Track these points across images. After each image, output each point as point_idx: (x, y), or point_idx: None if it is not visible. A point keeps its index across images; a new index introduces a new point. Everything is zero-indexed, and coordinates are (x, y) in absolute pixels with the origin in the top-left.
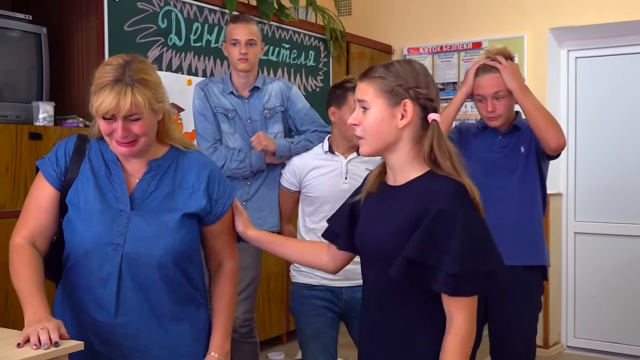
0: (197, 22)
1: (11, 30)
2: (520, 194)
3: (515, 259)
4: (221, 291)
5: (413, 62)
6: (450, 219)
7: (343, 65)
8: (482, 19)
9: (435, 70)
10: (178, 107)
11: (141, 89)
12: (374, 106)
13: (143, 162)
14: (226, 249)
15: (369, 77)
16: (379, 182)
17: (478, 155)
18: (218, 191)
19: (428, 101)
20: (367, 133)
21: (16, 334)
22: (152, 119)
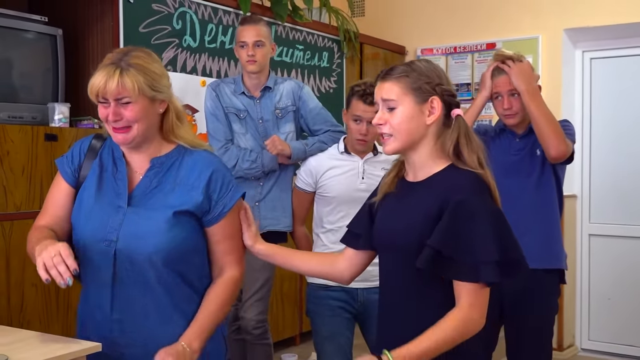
0: (212, 23)
1: (27, 32)
2: (536, 197)
3: (532, 262)
4: (213, 294)
5: (431, 61)
6: (471, 210)
7: (357, 66)
8: (496, 20)
9: (448, 71)
10: (192, 108)
11: (132, 72)
12: (402, 104)
13: (146, 158)
14: (228, 256)
15: (393, 76)
16: (397, 181)
17: (495, 158)
18: (219, 192)
19: (451, 97)
20: (395, 131)
21: (33, 334)
22: (146, 105)
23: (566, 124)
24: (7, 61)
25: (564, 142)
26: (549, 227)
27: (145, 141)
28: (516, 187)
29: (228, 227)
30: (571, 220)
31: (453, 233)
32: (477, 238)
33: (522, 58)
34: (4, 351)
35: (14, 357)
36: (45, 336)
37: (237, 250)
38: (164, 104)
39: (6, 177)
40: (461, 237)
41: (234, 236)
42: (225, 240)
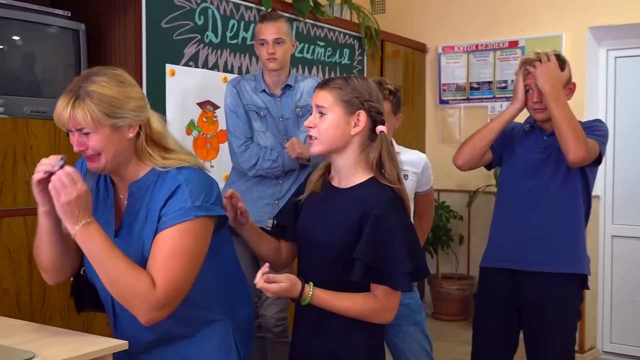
0: (234, 19)
1: (50, 27)
2: (560, 198)
3: (552, 266)
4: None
5: (368, 79)
6: (388, 225)
7: (377, 63)
8: (519, 18)
9: (470, 70)
10: (213, 105)
11: (87, 102)
12: (332, 113)
13: (127, 183)
14: (155, 272)
15: (329, 86)
16: (322, 181)
17: (520, 156)
18: (168, 207)
19: (378, 115)
20: (321, 135)
21: (56, 331)
22: (107, 134)
23: (598, 124)
24: (30, 56)
25: (583, 147)
26: (572, 230)
27: (121, 166)
28: (539, 187)
29: (160, 242)
30: (594, 221)
31: (374, 245)
32: (394, 251)
33: (551, 56)
34: (30, 347)
35: (41, 353)
36: (71, 333)
37: (164, 273)
38: (133, 129)
39: (29, 172)
40: (381, 250)
41: (167, 256)
42: (156, 254)
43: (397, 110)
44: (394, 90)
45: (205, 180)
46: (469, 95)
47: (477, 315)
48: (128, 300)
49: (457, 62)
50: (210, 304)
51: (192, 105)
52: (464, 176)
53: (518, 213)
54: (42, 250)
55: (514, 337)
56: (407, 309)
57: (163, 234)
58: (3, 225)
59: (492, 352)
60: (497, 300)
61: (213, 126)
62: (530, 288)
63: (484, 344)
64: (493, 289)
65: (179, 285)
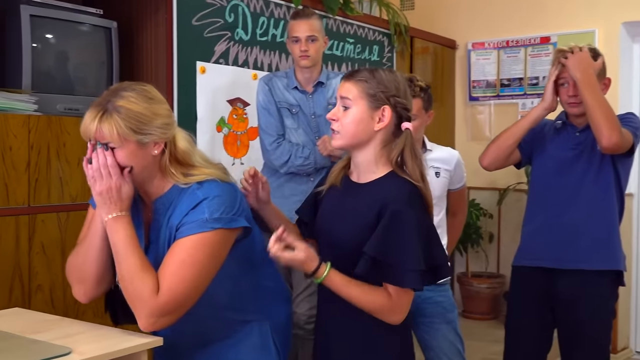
0: (264, 16)
1: (82, 25)
2: (593, 195)
3: (586, 264)
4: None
5: (396, 73)
6: (404, 220)
7: (407, 60)
8: (551, 13)
9: (500, 66)
10: (244, 102)
11: (114, 117)
12: (356, 106)
13: (152, 200)
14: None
15: (355, 78)
16: (342, 176)
17: (551, 153)
18: (188, 218)
19: (404, 110)
20: (343, 129)
21: (91, 326)
22: (133, 149)
23: (630, 116)
24: (63, 54)
25: (616, 132)
26: (606, 227)
27: (145, 182)
28: (572, 184)
29: (177, 252)
30: (627, 218)
31: (386, 241)
32: (405, 247)
33: (584, 48)
34: (66, 343)
35: (77, 349)
36: (106, 328)
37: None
38: (158, 146)
39: (62, 169)
40: (393, 245)
41: (178, 264)
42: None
43: (429, 107)
44: (425, 87)
45: (226, 193)
46: (499, 92)
47: (510, 315)
48: (131, 301)
49: (488, 59)
50: (244, 306)
51: (222, 102)
52: (494, 174)
53: (550, 211)
54: (91, 256)
55: (547, 337)
56: (438, 307)
57: (178, 242)
58: (37, 222)
59: (525, 352)
60: (530, 299)
61: (243, 123)
62: (564, 286)
63: (517, 343)
64: (526, 287)
65: (184, 294)
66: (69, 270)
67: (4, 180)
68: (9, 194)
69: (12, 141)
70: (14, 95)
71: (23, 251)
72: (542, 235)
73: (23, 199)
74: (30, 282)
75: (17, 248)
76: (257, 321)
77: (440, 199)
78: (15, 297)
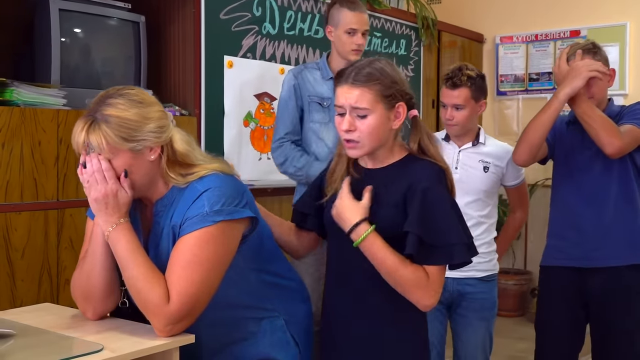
0: (291, 10)
1: (110, 19)
2: (617, 192)
3: (615, 260)
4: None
5: (392, 62)
6: (438, 196)
7: (434, 54)
8: (581, 6)
9: (529, 60)
10: (271, 97)
11: (102, 126)
12: (374, 113)
13: (153, 202)
14: (170, 281)
15: (365, 83)
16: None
17: (570, 151)
18: (190, 212)
19: (411, 100)
20: (365, 138)
21: (122, 323)
22: (127, 158)
23: (638, 106)
24: (91, 48)
25: (616, 137)
26: (631, 222)
27: (147, 189)
28: (593, 182)
29: (179, 250)
30: None
31: (426, 219)
32: (447, 222)
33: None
34: (97, 339)
35: (109, 346)
36: (137, 325)
37: (180, 283)
38: (154, 150)
39: None
40: (434, 222)
41: (184, 266)
42: (172, 260)
43: (479, 96)
44: (474, 77)
45: (226, 184)
46: (527, 87)
47: (540, 315)
48: (143, 310)
49: (516, 53)
50: (256, 303)
51: (249, 96)
52: None
53: (575, 209)
54: (96, 269)
55: (579, 335)
56: (477, 303)
57: (181, 242)
58: (66, 217)
59: (557, 352)
60: (561, 299)
61: (270, 118)
62: (595, 284)
63: (549, 344)
64: (557, 287)
65: (195, 297)
66: (74, 288)
67: (33, 175)
68: (37, 188)
69: (41, 135)
70: (43, 90)
71: (52, 246)
72: (568, 234)
73: (52, 193)
74: (59, 277)
75: (46, 243)
76: (269, 318)
77: (488, 195)
78: (44, 291)
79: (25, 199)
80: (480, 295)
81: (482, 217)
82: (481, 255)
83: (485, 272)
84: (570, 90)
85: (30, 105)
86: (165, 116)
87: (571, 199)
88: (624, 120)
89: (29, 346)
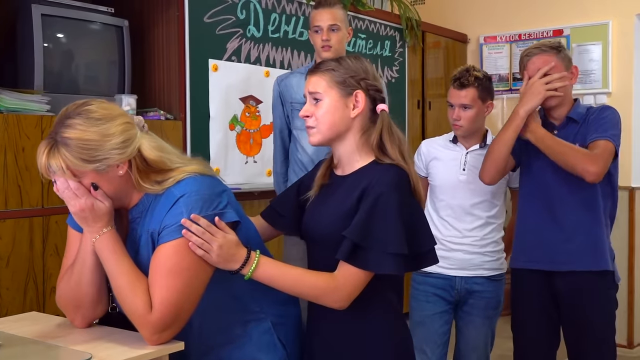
0: (275, 12)
1: (94, 23)
2: (577, 194)
3: (577, 265)
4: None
5: (362, 58)
6: (386, 202)
7: (419, 55)
8: (564, 5)
9: (512, 60)
10: (256, 99)
11: (61, 150)
12: (327, 97)
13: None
14: (152, 291)
15: (320, 70)
16: (329, 173)
17: (537, 153)
18: (166, 220)
19: (377, 92)
20: (319, 123)
21: (111, 331)
22: (94, 177)
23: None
24: (74, 53)
25: (594, 164)
26: (593, 226)
27: (122, 200)
28: (556, 183)
29: (157, 257)
30: None
31: (367, 224)
32: (387, 231)
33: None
34: (86, 348)
35: (98, 354)
36: (125, 333)
37: (162, 292)
38: (121, 166)
39: None
40: (373, 228)
41: (165, 275)
42: (154, 271)
43: (486, 97)
44: (482, 77)
45: (204, 187)
46: (511, 86)
47: (515, 317)
48: (131, 319)
49: (500, 52)
50: (243, 306)
51: (235, 100)
52: None
53: (539, 212)
54: (86, 277)
55: (555, 334)
56: (482, 301)
57: (160, 251)
58: (51, 223)
59: (534, 352)
60: (533, 301)
61: (256, 121)
62: (562, 286)
63: (526, 344)
64: (528, 289)
65: (178, 305)
66: (61, 298)
67: (17, 182)
68: (22, 195)
69: (25, 142)
70: (26, 96)
71: (37, 253)
72: (533, 237)
73: (37, 200)
74: (44, 285)
75: (31, 250)
76: (255, 320)
77: (495, 196)
78: (30, 299)
79: (9, 206)
80: (487, 294)
81: (490, 217)
82: (489, 254)
83: (493, 271)
84: (529, 108)
85: (13, 112)
86: (130, 127)
87: (536, 201)
88: (592, 131)
89: (15, 357)
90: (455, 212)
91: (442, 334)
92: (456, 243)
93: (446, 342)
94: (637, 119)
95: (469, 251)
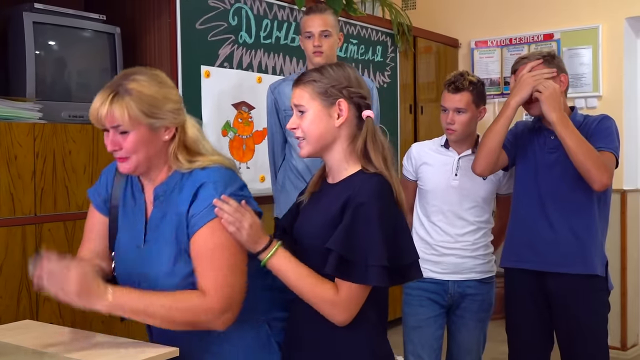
0: (267, 19)
1: (85, 31)
2: (571, 199)
3: (567, 268)
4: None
5: (344, 65)
6: (368, 213)
7: (410, 60)
8: (554, 9)
9: (504, 64)
10: (249, 105)
11: (126, 99)
12: (311, 109)
13: (153, 187)
14: (201, 280)
15: (303, 82)
16: (321, 181)
17: (531, 155)
18: (195, 208)
19: (361, 99)
20: (306, 134)
21: (104, 338)
22: (144, 134)
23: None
24: (66, 60)
25: (606, 174)
26: (584, 232)
27: (153, 169)
28: (550, 188)
29: (199, 244)
30: (635, 216)
31: (348, 236)
32: (369, 242)
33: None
34: (79, 356)
35: None
36: (119, 339)
37: (209, 274)
38: (169, 131)
39: (68, 177)
40: (357, 240)
41: (206, 256)
42: (197, 258)
43: (480, 102)
44: (475, 82)
45: (229, 177)
46: (503, 90)
47: (509, 318)
48: (191, 319)
49: (491, 57)
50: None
51: (227, 106)
52: None
53: (532, 213)
54: None
55: (549, 334)
56: (476, 304)
57: (197, 237)
58: (44, 231)
59: (529, 353)
60: (526, 301)
61: (248, 127)
62: (552, 287)
63: (521, 345)
64: (520, 290)
65: (231, 284)
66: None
67: (10, 190)
68: (14, 203)
69: (17, 150)
70: (18, 104)
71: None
72: (524, 236)
73: (29, 208)
74: (38, 293)
75: (23, 258)
76: (251, 322)
77: (486, 201)
78: (23, 307)
79: (2, 214)
80: (480, 296)
81: (482, 222)
82: (480, 257)
83: (484, 274)
84: (519, 98)
85: (5, 120)
86: (181, 101)
87: (528, 203)
88: (598, 140)
89: None
90: (447, 217)
91: (438, 338)
92: (448, 248)
93: (440, 347)
94: (627, 122)
95: (461, 255)
